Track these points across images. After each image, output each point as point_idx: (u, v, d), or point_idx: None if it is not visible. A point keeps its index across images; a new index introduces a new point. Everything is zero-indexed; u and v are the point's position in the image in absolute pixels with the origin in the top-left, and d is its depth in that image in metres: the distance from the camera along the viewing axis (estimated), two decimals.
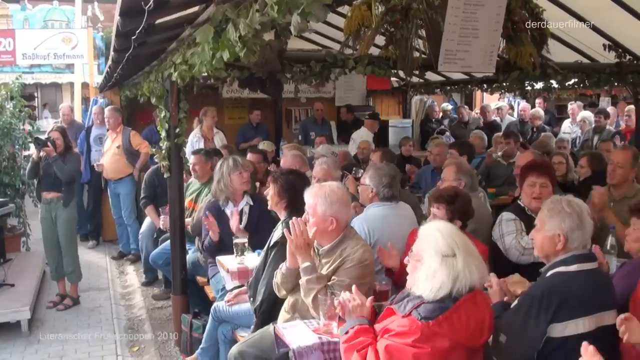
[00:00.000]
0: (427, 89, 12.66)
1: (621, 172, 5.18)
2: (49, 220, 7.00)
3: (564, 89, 9.36)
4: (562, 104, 15.22)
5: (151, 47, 4.62)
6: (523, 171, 4.86)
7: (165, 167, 5.76)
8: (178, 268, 5.84)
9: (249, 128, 11.25)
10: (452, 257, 2.82)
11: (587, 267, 3.13)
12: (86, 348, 6.05)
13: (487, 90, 11.01)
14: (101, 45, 11.71)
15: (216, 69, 3.67)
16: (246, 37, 3.02)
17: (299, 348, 3.21)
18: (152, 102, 5.86)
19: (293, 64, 6.36)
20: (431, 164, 8.06)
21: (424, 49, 6.22)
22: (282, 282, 3.84)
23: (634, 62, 7.81)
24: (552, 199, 3.35)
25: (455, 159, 6.44)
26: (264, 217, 5.18)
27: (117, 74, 6.81)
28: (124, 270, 8.84)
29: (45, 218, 7.00)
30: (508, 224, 4.64)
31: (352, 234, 3.86)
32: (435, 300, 2.78)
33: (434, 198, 4.37)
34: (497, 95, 14.13)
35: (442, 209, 4.23)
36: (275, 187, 4.42)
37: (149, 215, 7.67)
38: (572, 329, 2.96)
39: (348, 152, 8.97)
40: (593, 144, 10.22)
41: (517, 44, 6.47)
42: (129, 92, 9.36)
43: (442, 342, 2.73)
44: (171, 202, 5.83)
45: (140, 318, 6.93)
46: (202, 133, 9.27)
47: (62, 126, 7.60)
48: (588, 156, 6.74)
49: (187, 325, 5.31)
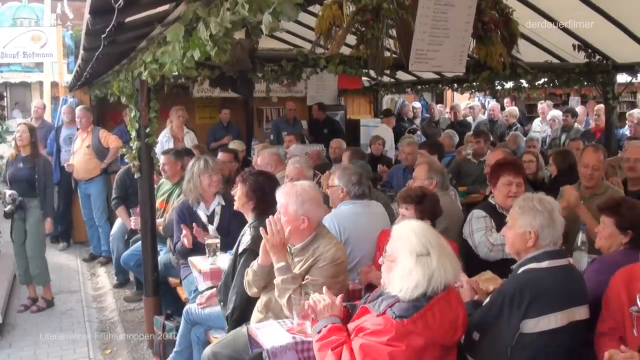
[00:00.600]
0: (398, 88, 12.72)
1: (598, 175, 5.25)
2: (20, 224, 6.90)
3: (533, 88, 9.46)
4: (531, 103, 15.44)
5: (121, 45, 4.56)
6: (496, 169, 4.89)
7: (135, 167, 5.70)
8: (150, 269, 5.79)
9: (220, 127, 11.20)
10: (426, 256, 2.84)
11: (558, 264, 3.18)
12: (58, 352, 5.98)
13: (457, 90, 11.09)
14: (70, 44, 11.58)
15: (187, 68, 3.65)
16: (217, 36, 3.00)
17: (273, 348, 3.20)
18: (122, 101, 5.81)
19: (264, 63, 6.33)
20: (402, 162, 8.09)
21: (395, 49, 6.23)
22: (254, 279, 3.82)
23: (603, 62, 7.92)
24: (524, 197, 3.40)
25: (426, 158, 6.48)
26: (236, 217, 5.15)
27: (86, 72, 6.73)
28: (95, 272, 8.74)
29: (17, 221, 6.89)
30: (478, 221, 4.69)
31: (325, 233, 3.86)
32: (411, 299, 2.79)
33: (402, 199, 4.39)
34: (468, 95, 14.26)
35: (410, 209, 4.26)
36: (244, 187, 4.39)
37: (120, 216, 7.59)
38: (545, 325, 3.00)
39: (321, 151, 8.96)
40: (561, 142, 10.37)
41: (487, 44, 6.51)
42: (99, 91, 9.25)
43: (417, 340, 2.74)
44: (142, 203, 5.78)
45: (112, 320, 6.86)
46: (172, 133, 9.20)
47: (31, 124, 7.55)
48: (554, 154, 6.88)
49: (160, 327, 5.27)
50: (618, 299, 3.13)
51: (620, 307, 3.06)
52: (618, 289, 3.16)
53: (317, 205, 3.79)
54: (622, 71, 8.29)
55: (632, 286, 3.11)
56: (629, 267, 3.24)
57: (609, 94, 8.39)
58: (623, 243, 3.67)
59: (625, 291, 3.12)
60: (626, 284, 3.14)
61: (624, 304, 3.08)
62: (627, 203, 3.77)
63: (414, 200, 4.29)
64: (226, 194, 5.55)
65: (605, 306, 3.17)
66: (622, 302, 3.10)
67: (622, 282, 3.17)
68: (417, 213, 4.23)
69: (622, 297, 3.12)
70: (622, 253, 3.61)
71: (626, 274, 3.19)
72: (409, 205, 4.28)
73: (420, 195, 4.34)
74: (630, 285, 3.12)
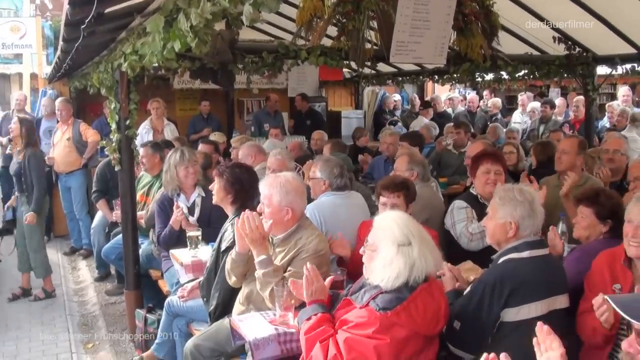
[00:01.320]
0: (379, 80, 12.72)
1: (566, 158, 5.31)
2: (20, 217, 7.10)
3: (514, 80, 9.51)
4: (512, 95, 15.51)
5: (101, 36, 4.53)
6: (476, 159, 4.92)
7: (116, 159, 5.66)
8: (131, 262, 5.76)
9: (199, 119, 11.15)
10: (407, 246, 2.85)
11: (539, 254, 3.21)
12: (40, 346, 5.94)
13: (438, 82, 11.13)
14: (50, 35, 11.40)
15: (167, 59, 3.63)
16: (197, 27, 2.99)
17: (256, 340, 3.21)
18: (102, 93, 5.76)
19: (245, 55, 6.30)
20: (384, 153, 8.11)
21: (376, 40, 6.23)
22: (233, 267, 3.80)
23: (583, 54, 7.98)
24: (504, 188, 3.43)
25: (407, 150, 6.50)
26: (217, 208, 5.13)
27: (66, 64, 6.67)
28: (76, 265, 8.68)
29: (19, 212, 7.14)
30: (459, 212, 4.72)
31: (307, 224, 3.86)
32: (393, 289, 2.80)
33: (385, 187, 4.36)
34: (448, 87, 14.32)
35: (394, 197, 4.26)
36: (221, 181, 4.36)
37: (101, 209, 7.54)
38: (525, 313, 3.03)
39: (302, 143, 8.94)
40: (539, 133, 10.45)
41: (468, 36, 6.53)
42: (79, 83, 9.18)
43: (400, 332, 2.76)
44: (123, 196, 5.74)
45: (94, 314, 6.83)
46: (152, 125, 9.16)
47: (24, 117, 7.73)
48: (534, 146, 6.95)
49: (142, 320, 5.24)
50: (601, 278, 3.20)
51: (603, 287, 3.12)
52: (601, 269, 3.24)
53: (300, 197, 3.79)
54: (602, 63, 8.35)
55: (614, 266, 3.20)
56: (611, 250, 3.32)
57: (588, 85, 8.45)
58: (602, 232, 3.72)
59: (608, 271, 3.20)
60: (609, 265, 3.23)
61: (607, 283, 3.15)
62: (605, 193, 3.84)
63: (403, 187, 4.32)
64: (206, 185, 5.53)
65: (588, 286, 3.23)
66: (605, 281, 3.17)
67: (605, 262, 3.25)
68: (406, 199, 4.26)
69: (604, 277, 3.19)
70: (602, 242, 3.67)
71: (608, 255, 3.29)
72: (400, 193, 4.28)
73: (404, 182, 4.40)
74: (613, 266, 3.21)
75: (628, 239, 3.13)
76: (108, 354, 5.78)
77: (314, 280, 3.12)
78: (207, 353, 3.84)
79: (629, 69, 8.28)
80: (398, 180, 4.45)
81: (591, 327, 3.08)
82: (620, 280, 3.11)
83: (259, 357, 3.22)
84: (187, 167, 5.43)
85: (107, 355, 5.75)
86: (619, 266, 3.19)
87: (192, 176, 5.47)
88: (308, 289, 3.11)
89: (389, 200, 4.26)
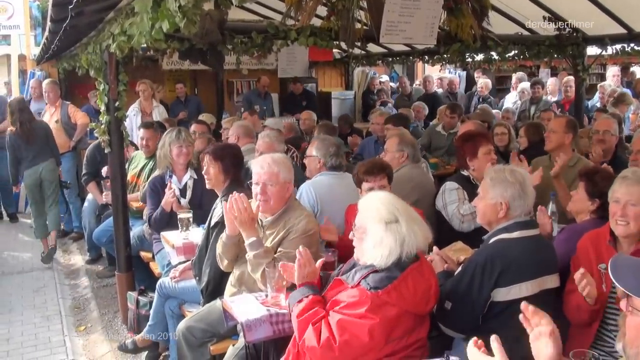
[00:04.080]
0: (369, 60, 12.71)
1: (555, 137, 5.32)
2: (35, 182, 7.81)
3: (504, 60, 9.50)
4: (501, 75, 15.49)
5: (89, 16, 4.49)
6: (472, 140, 4.89)
7: (105, 142, 5.63)
8: (122, 245, 5.74)
9: (177, 103, 11.10)
10: (395, 223, 2.86)
11: (529, 234, 3.23)
12: (32, 329, 5.94)
13: (428, 62, 11.11)
14: (38, 15, 11.28)
15: (155, 40, 3.60)
16: (186, 7, 2.96)
17: (248, 321, 3.22)
18: (91, 74, 5.72)
19: (234, 35, 6.27)
20: (374, 134, 8.10)
21: (366, 20, 6.21)
22: (224, 251, 3.82)
23: (573, 34, 7.97)
24: (495, 169, 3.44)
25: (397, 130, 6.49)
26: (209, 190, 5.13)
27: (54, 45, 6.62)
28: (67, 248, 8.66)
29: (32, 182, 7.82)
30: (451, 193, 4.73)
31: (296, 205, 3.88)
32: (386, 267, 2.82)
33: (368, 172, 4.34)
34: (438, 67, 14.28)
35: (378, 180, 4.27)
36: (220, 165, 4.38)
37: (91, 191, 7.52)
38: (516, 293, 3.04)
39: (293, 124, 8.91)
40: (530, 114, 10.45)
41: (458, 16, 6.51)
42: (67, 64, 9.10)
43: (391, 310, 2.77)
44: (113, 178, 5.72)
45: (85, 297, 6.82)
46: (140, 107, 9.11)
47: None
48: (525, 126, 6.90)
49: (133, 302, 5.25)
50: (586, 258, 3.23)
51: (588, 266, 3.14)
52: (586, 249, 3.27)
53: (292, 174, 3.86)
54: (592, 43, 8.36)
55: (599, 246, 3.23)
56: (596, 231, 3.36)
57: (579, 66, 8.47)
58: (590, 211, 3.74)
59: (593, 250, 3.23)
60: (594, 244, 3.26)
61: (592, 262, 3.18)
62: (603, 173, 3.85)
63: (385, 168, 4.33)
64: (199, 167, 5.52)
65: (574, 266, 3.24)
66: (590, 260, 3.20)
67: (590, 242, 3.29)
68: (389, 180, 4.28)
69: (590, 256, 3.22)
70: (590, 222, 3.70)
71: (593, 235, 3.33)
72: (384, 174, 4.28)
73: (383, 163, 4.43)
74: (597, 245, 3.24)
75: (615, 219, 3.15)
76: (100, 336, 5.79)
77: (306, 264, 3.13)
78: (199, 334, 3.85)
79: (619, 49, 8.28)
80: (379, 163, 4.45)
81: (575, 304, 3.11)
82: (605, 259, 3.12)
83: (251, 337, 3.23)
84: (180, 147, 5.43)
85: (99, 338, 5.76)
86: (604, 246, 3.21)
87: (185, 156, 5.47)
88: (300, 272, 3.12)
89: (375, 184, 4.24)
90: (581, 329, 3.19)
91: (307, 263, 3.14)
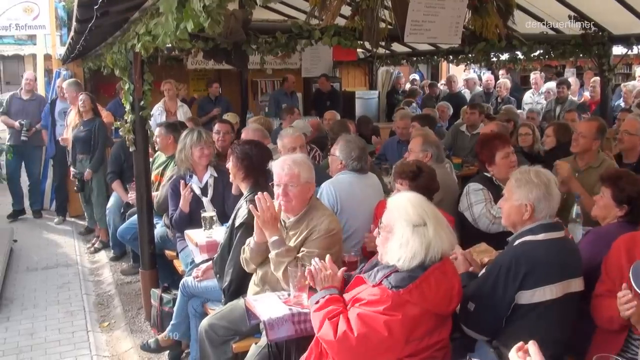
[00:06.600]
0: (394, 60, 12.66)
1: (583, 142, 5.24)
2: (86, 184, 8.31)
3: (529, 60, 9.42)
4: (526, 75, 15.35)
5: (114, 17, 4.52)
6: (488, 144, 4.87)
7: (130, 140, 5.68)
8: (146, 242, 5.79)
9: (207, 101, 11.14)
10: (423, 226, 2.85)
11: (554, 236, 3.18)
12: (56, 324, 6.01)
13: (453, 62, 11.05)
14: (63, 15, 11.39)
15: (180, 39, 3.61)
16: (210, 7, 2.97)
17: (270, 320, 3.23)
18: (116, 74, 5.76)
19: (258, 35, 6.29)
20: (397, 135, 8.08)
21: (390, 20, 6.19)
22: (251, 257, 3.83)
23: (598, 33, 7.88)
24: (520, 170, 3.40)
25: (421, 131, 6.46)
26: (230, 188, 5.14)
27: (79, 45, 6.67)
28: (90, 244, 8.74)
29: (81, 181, 8.31)
30: (476, 193, 4.70)
31: (318, 205, 3.88)
32: (409, 269, 2.80)
33: (397, 174, 4.38)
34: (463, 67, 14.20)
35: (405, 185, 4.25)
36: (233, 158, 4.40)
37: (116, 190, 7.60)
38: (540, 296, 3.01)
39: (320, 123, 8.90)
40: (556, 114, 10.34)
41: (483, 15, 6.47)
42: (92, 63, 9.18)
43: (413, 309, 2.76)
44: (137, 176, 5.76)
45: (109, 293, 6.89)
46: (165, 106, 9.18)
47: (91, 94, 8.72)
48: (554, 126, 6.79)
49: (157, 299, 5.28)
50: (618, 263, 3.16)
51: (620, 271, 3.09)
52: (619, 253, 3.19)
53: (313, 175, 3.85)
54: (618, 43, 8.27)
55: (633, 251, 3.15)
56: (631, 234, 3.27)
57: (604, 65, 8.37)
58: (617, 216, 3.69)
59: (626, 256, 3.15)
60: (627, 249, 3.18)
61: (624, 267, 3.11)
62: (628, 177, 3.75)
63: (409, 177, 4.28)
64: (218, 165, 5.54)
65: (605, 270, 3.19)
66: (622, 266, 3.13)
67: (624, 247, 3.20)
68: (412, 189, 4.21)
69: (622, 262, 3.14)
70: (616, 225, 3.64)
71: (628, 239, 3.23)
72: (404, 181, 4.27)
73: (415, 171, 4.31)
74: (632, 251, 3.15)
75: None
76: (124, 332, 5.84)
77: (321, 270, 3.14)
78: (221, 332, 3.87)
79: None
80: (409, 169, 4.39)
81: (608, 315, 3.05)
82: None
83: (273, 336, 3.24)
84: (202, 148, 5.44)
85: (122, 334, 5.82)
86: (638, 250, 3.15)
87: (206, 157, 5.49)
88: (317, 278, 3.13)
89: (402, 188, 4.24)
90: (609, 334, 3.14)
91: (324, 269, 3.15)
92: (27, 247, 8.41)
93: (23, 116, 9.56)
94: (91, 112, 8.34)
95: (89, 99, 8.38)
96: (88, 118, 8.30)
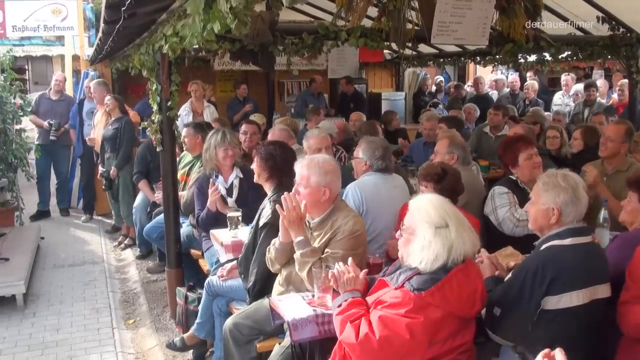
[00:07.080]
0: (420, 61, 12.61)
1: (611, 146, 5.17)
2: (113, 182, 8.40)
3: (557, 61, 9.33)
4: (554, 77, 15.20)
5: (141, 18, 4.56)
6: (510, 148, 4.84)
7: (157, 140, 5.73)
8: (172, 241, 5.84)
9: (236, 102, 11.19)
10: (445, 228, 2.83)
11: (581, 241, 3.14)
12: (82, 321, 6.08)
13: (480, 63, 10.97)
14: (91, 17, 11.53)
15: (207, 40, 3.63)
16: (237, 8, 2.98)
17: (294, 320, 3.23)
18: (144, 74, 5.82)
19: (285, 36, 6.31)
20: (423, 137, 8.05)
21: (417, 21, 6.17)
22: (276, 257, 3.84)
23: (627, 34, 7.78)
24: (548, 173, 3.36)
25: (448, 133, 6.43)
26: (255, 189, 5.15)
27: (107, 46, 6.74)
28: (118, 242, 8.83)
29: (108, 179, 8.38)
30: (501, 197, 4.66)
31: (343, 206, 3.87)
32: (431, 271, 2.79)
33: (422, 176, 4.37)
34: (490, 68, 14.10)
35: (429, 188, 4.23)
36: (257, 158, 4.42)
37: (142, 190, 7.67)
38: (567, 302, 2.98)
39: (347, 125, 8.89)
40: (584, 117, 10.22)
41: (511, 16, 6.41)
42: (120, 64, 9.28)
43: (435, 312, 2.74)
44: (164, 176, 5.81)
45: (135, 291, 6.96)
46: (192, 107, 9.25)
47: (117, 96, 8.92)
48: (582, 129, 6.72)
49: (182, 298, 5.32)
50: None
51: None
52: None
53: (337, 178, 3.81)
54: None
55: None
56: None
57: (632, 67, 8.24)
58: None
59: None
60: None
61: None
62: None
63: (433, 179, 4.26)
64: (244, 166, 5.57)
65: (630, 276, 3.14)
66: None
67: None
68: (437, 191, 4.19)
69: None
70: None
71: None
72: (429, 183, 4.26)
73: (440, 173, 4.29)
74: None
75: None
76: (149, 330, 5.90)
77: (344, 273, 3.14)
78: (245, 331, 3.89)
79: None
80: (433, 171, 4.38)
81: (635, 323, 3.01)
82: None
83: (297, 337, 3.25)
84: (226, 149, 5.47)
85: (147, 332, 5.87)
86: None
87: (231, 158, 5.51)
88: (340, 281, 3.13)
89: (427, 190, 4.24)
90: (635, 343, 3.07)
91: (348, 272, 3.15)
92: (54, 244, 8.53)
93: (51, 116, 9.70)
94: (118, 110, 8.49)
95: (114, 99, 8.57)
96: (116, 117, 8.44)
